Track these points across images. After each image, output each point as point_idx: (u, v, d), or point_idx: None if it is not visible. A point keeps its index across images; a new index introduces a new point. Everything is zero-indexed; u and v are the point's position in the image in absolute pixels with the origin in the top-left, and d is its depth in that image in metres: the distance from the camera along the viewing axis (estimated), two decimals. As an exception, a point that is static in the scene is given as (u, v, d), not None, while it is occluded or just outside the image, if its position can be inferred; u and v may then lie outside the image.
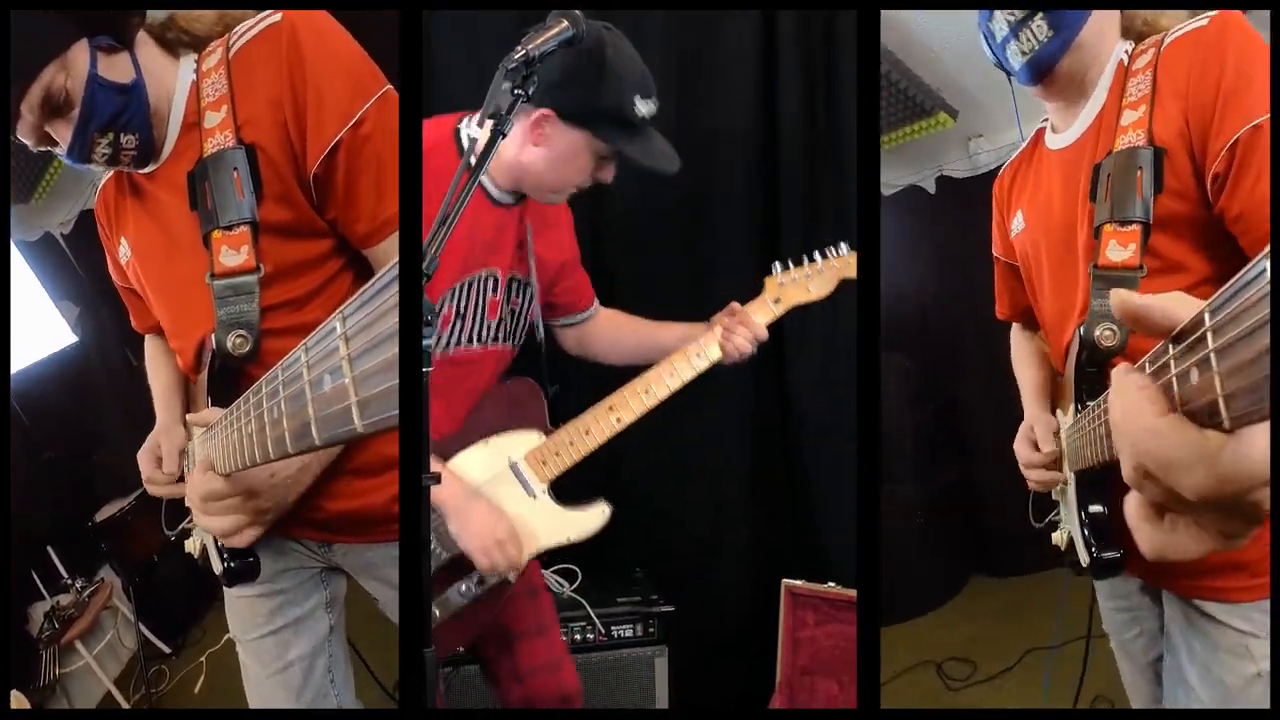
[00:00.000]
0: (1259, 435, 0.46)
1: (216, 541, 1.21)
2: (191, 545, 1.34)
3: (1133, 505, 0.58)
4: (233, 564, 1.20)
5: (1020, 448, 1.33)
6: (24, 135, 1.13)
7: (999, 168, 1.45)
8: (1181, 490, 0.51)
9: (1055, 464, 1.27)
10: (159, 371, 1.44)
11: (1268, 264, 0.41)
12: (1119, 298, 0.59)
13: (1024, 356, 1.48)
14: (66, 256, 3.27)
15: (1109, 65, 1.18)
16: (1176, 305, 0.56)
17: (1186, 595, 1.17)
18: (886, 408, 3.11)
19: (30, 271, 2.90)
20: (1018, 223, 1.34)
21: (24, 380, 2.77)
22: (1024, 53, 1.17)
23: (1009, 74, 1.24)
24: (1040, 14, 1.14)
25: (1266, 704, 1.10)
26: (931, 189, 3.23)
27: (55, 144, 1.15)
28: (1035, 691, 2.43)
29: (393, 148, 1.16)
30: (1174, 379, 0.50)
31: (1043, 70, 1.18)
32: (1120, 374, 0.60)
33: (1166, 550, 0.57)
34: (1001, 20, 1.18)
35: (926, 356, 3.38)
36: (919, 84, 2.78)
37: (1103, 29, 1.17)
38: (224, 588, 1.32)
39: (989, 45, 1.23)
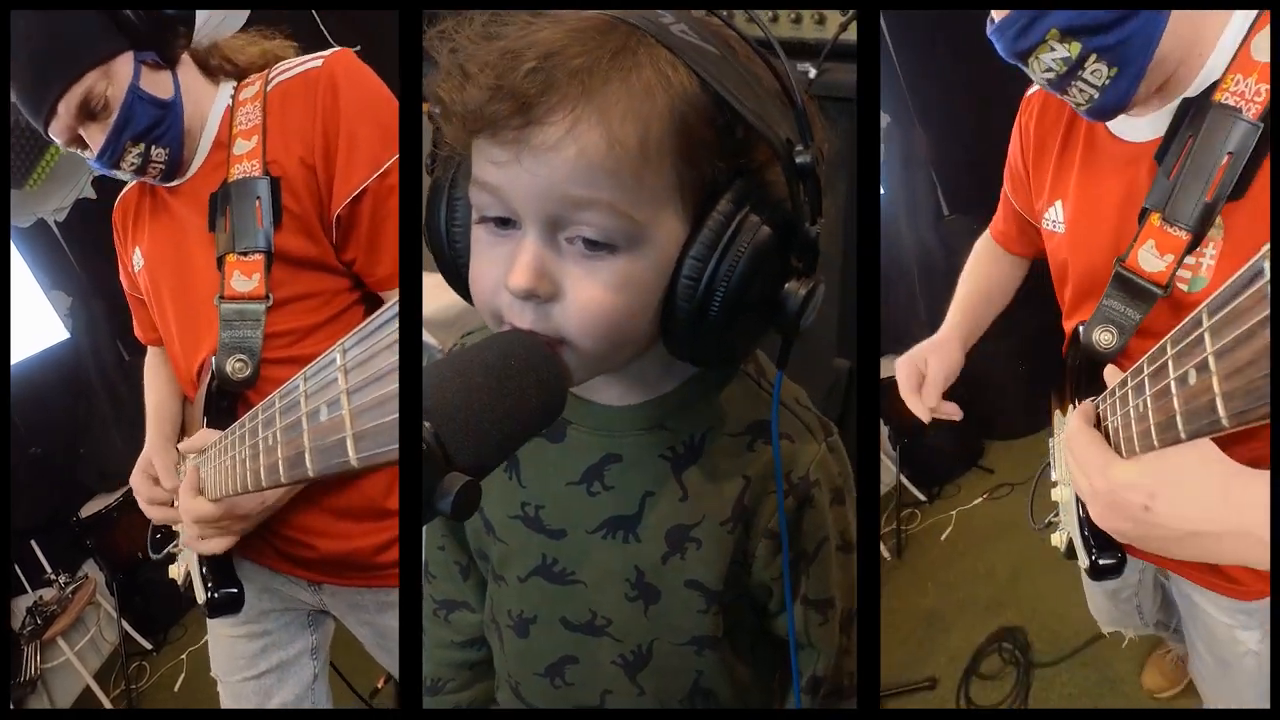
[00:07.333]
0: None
1: (201, 569, 1.21)
2: (175, 571, 1.33)
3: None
4: (216, 595, 1.19)
5: (903, 372, 1.31)
6: (56, 134, 1.16)
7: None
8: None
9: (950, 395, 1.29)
10: (153, 387, 1.46)
11: (1266, 264, 0.41)
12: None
13: (979, 269, 1.39)
14: (60, 245, 3.24)
15: (1226, 36, 0.92)
16: None
17: (1190, 579, 1.19)
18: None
19: (22, 259, 2.88)
20: (1054, 213, 1.15)
21: (14, 372, 2.75)
22: (1080, 104, 0.95)
23: None
24: (1093, 55, 0.88)
25: (1261, 675, 1.12)
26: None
27: (86, 146, 1.17)
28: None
29: None
30: (1172, 381, 0.50)
31: (1118, 110, 0.96)
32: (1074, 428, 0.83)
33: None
34: (1044, 68, 0.92)
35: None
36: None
37: (1192, 18, 0.91)
38: (207, 621, 1.32)
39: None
